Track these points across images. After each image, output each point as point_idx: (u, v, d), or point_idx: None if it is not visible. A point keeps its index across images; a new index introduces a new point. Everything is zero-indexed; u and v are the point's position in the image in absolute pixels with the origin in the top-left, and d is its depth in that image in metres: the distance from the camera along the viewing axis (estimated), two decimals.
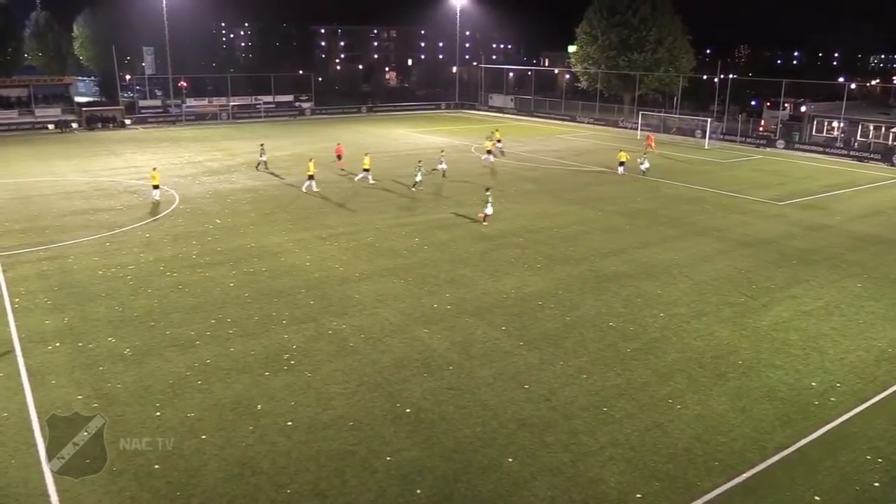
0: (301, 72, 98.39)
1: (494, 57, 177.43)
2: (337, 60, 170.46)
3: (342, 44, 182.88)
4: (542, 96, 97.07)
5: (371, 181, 41.44)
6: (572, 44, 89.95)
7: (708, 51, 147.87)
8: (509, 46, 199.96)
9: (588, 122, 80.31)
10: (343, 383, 17.15)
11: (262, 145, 48.09)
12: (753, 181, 45.68)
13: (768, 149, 62.95)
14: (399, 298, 22.75)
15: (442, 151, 44.30)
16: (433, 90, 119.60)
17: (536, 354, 18.82)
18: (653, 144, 55.41)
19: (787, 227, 33.26)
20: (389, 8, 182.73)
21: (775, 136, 65.59)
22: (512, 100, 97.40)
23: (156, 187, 36.30)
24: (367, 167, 41.81)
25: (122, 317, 20.95)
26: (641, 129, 70.32)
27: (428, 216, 33.94)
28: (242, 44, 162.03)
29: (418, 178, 40.41)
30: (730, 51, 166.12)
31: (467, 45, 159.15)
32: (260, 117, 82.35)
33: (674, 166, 51.26)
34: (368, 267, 25.90)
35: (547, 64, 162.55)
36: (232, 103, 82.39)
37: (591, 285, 24.36)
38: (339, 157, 47.84)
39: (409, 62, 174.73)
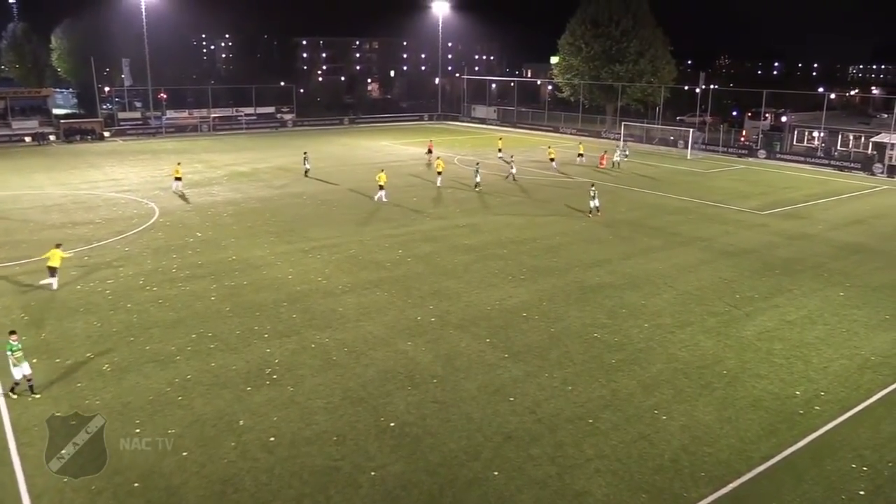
0: (283, 83, 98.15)
1: (477, 68, 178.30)
2: (319, 72, 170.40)
3: (324, 55, 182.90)
4: (524, 107, 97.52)
5: (439, 184, 45.04)
6: (555, 55, 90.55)
7: (689, 62, 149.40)
8: (492, 58, 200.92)
9: (571, 133, 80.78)
10: (326, 398, 17.04)
11: (305, 153, 50.71)
12: (736, 191, 46.10)
13: (750, 159, 63.57)
14: (382, 311, 22.68)
15: (477, 163, 46.80)
16: (416, 102, 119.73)
17: (521, 366, 18.81)
18: (604, 163, 55.50)
19: (770, 237, 33.55)
20: (372, 20, 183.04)
21: (757, 146, 66.24)
22: (495, 111, 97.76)
23: (178, 179, 42.32)
24: (440, 171, 46.03)
25: (101, 332, 20.72)
26: (623, 140, 70.78)
27: (411, 228, 33.92)
28: (223, 55, 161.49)
29: (478, 179, 44.15)
30: (711, 62, 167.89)
31: (450, 56, 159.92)
32: (241, 129, 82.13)
33: (656, 176, 51.61)
34: (351, 280, 25.82)
35: (529, 75, 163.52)
36: (213, 115, 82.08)
37: (575, 296, 24.42)
38: (429, 151, 57.33)
39: (392, 74, 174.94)
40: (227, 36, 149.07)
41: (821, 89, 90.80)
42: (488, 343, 20.30)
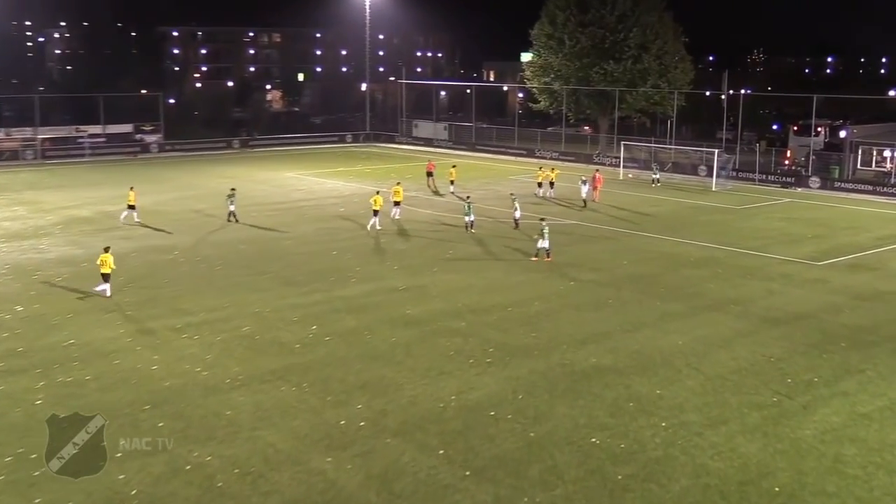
0: (144, 91, 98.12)
1: (420, 70, 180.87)
2: (197, 75, 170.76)
3: (204, 52, 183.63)
4: (487, 123, 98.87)
5: (397, 216, 48.59)
6: (527, 51, 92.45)
7: (711, 58, 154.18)
8: (440, 55, 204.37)
9: (552, 158, 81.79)
10: None
11: (231, 191, 49.61)
12: (781, 234, 47.15)
13: (798, 189, 65.28)
14: (290, 414, 22.35)
15: (468, 197, 48.07)
16: (334, 116, 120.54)
17: (489, 489, 18.64)
18: (599, 187, 56.61)
19: (831, 297, 34.22)
20: (271, 3, 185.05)
21: (807, 171, 67.99)
22: (445, 128, 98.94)
23: (131, 207, 47.85)
24: (397, 200, 49.04)
25: None
26: (624, 166, 72.05)
27: (330, 293, 33.76)
28: (58, 51, 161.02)
29: (471, 218, 45.71)
30: (741, 58, 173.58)
31: (381, 53, 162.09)
32: (83, 156, 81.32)
33: (670, 215, 52.53)
34: (244, 369, 25.45)
35: (493, 79, 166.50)
36: (41, 136, 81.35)
37: (563, 386, 24.40)
38: (429, 174, 62.70)
39: (300, 77, 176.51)
40: (63, 24, 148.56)
41: (892, 93, 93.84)
42: (442, 456, 20.09)
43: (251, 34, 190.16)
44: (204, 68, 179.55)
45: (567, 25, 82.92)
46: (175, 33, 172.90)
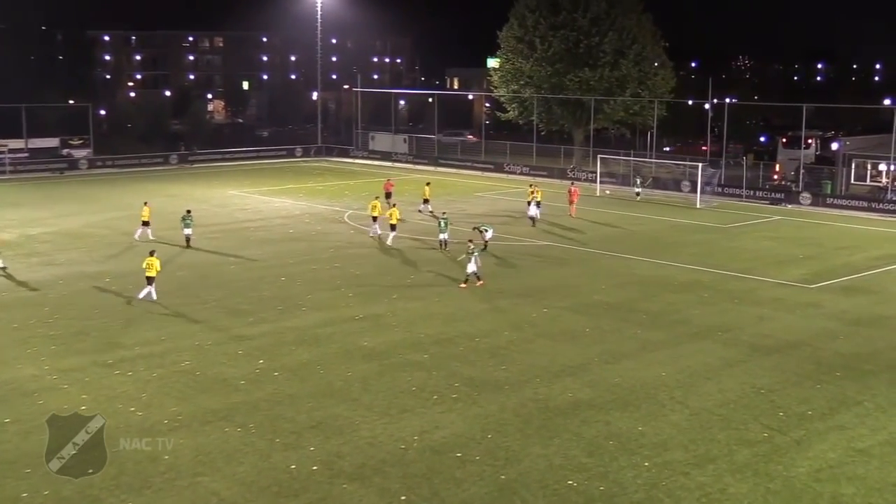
0: (72, 102, 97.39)
1: (377, 77, 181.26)
2: (130, 84, 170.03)
3: (139, 58, 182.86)
4: (450, 134, 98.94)
5: (390, 242, 48.22)
6: (494, 56, 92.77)
7: (693, 64, 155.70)
8: (399, 61, 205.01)
9: (522, 174, 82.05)
10: None
11: (187, 212, 48.82)
12: (770, 255, 47.55)
13: (788, 206, 65.91)
14: (234, 458, 22.16)
15: (444, 214, 47.78)
16: (282, 128, 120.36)
17: None
18: (576, 201, 57.24)
19: (825, 322, 34.48)
20: (213, 4, 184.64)
21: (797, 186, 68.62)
22: (405, 141, 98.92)
23: (145, 224, 49.12)
24: (394, 222, 48.63)
25: None
26: (601, 182, 72.36)
27: (278, 323, 33.60)
28: None
29: (446, 236, 46.27)
30: (726, 64, 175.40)
31: (334, 58, 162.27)
32: (4, 173, 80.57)
33: (651, 235, 52.83)
34: (184, 409, 25.22)
35: (457, 87, 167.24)
36: None
37: (536, 423, 24.38)
38: (388, 194, 60.02)
39: (245, 86, 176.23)
40: None
41: (888, 101, 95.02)
42: (404, 502, 19.99)
43: (191, 38, 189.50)
44: (138, 76, 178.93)
45: (538, 28, 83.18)
46: (106, 38, 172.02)
